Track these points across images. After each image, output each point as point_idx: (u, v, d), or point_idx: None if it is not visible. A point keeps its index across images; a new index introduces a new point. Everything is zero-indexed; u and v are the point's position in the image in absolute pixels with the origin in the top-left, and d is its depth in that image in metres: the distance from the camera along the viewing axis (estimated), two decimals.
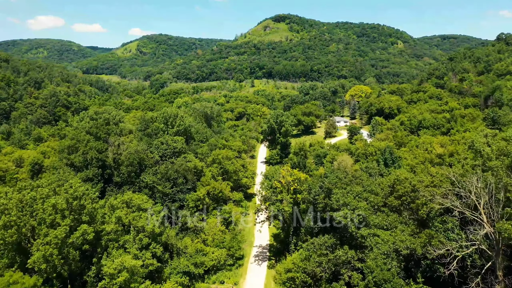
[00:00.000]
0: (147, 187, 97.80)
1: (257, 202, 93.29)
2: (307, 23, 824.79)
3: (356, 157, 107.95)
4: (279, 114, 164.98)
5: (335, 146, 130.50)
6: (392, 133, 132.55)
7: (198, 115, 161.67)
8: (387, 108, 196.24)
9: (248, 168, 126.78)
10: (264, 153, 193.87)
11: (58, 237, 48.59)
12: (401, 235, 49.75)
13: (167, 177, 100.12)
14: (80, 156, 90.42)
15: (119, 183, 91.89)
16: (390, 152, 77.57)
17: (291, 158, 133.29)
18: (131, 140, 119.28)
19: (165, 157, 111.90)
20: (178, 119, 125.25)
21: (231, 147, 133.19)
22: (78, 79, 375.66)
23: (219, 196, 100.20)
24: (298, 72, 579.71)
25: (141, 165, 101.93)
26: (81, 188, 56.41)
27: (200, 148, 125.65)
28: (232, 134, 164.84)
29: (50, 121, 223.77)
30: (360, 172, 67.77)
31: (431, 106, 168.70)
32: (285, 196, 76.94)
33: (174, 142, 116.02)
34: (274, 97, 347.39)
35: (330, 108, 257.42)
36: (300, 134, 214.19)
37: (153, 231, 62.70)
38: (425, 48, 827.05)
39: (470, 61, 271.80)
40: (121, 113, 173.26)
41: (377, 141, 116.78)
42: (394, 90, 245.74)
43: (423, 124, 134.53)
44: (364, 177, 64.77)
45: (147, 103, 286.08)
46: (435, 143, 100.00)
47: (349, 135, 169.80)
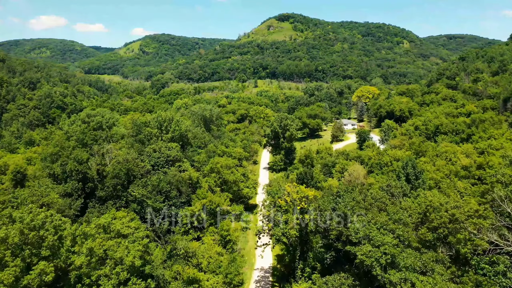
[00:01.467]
0: (135, 201, 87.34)
1: (258, 221, 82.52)
2: (311, 22, 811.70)
3: (369, 168, 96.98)
4: (283, 117, 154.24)
5: (344, 153, 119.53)
6: (406, 139, 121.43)
7: (196, 118, 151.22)
8: (398, 111, 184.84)
9: (250, 177, 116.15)
10: (267, 158, 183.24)
11: (5, 282, 38.18)
12: (441, 281, 38.81)
13: (158, 189, 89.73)
14: (59, 168, 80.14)
15: (103, 197, 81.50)
16: (412, 165, 66.77)
17: (296, 167, 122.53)
18: (121, 147, 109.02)
19: (157, 166, 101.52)
20: (174, 124, 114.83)
21: (231, 153, 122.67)
22: (76, 79, 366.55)
23: (216, 211, 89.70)
24: (303, 72, 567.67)
25: (130, 176, 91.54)
26: (41, 215, 45.89)
27: (198, 155, 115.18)
28: (232, 138, 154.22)
29: (44, 123, 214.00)
30: (380, 192, 56.91)
31: (446, 109, 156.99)
32: (290, 217, 66.29)
33: (168, 149, 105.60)
34: (277, 98, 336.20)
35: (336, 110, 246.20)
36: (305, 137, 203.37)
37: (133, 263, 52.26)
38: (431, 48, 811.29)
39: (483, 60, 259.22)
40: (115, 115, 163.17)
41: (392, 149, 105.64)
42: (403, 91, 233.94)
43: (440, 130, 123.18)
44: (387, 199, 53.84)
45: (146, 104, 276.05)
46: (459, 153, 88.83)
47: (358, 140, 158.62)
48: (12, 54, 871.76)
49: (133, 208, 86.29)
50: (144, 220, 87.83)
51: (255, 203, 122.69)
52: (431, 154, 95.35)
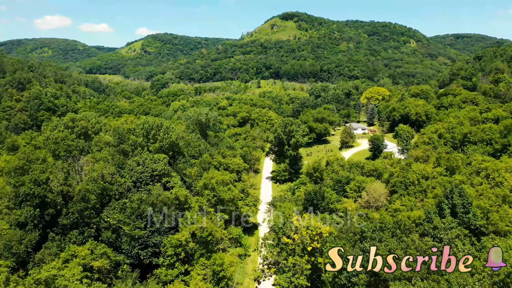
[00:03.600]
0: (109, 228, 72.26)
1: (260, 257, 67.20)
2: (316, 21, 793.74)
3: (392, 187, 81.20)
4: (287, 122, 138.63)
5: (358, 165, 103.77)
6: (430, 149, 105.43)
7: (191, 123, 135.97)
8: (414, 114, 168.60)
9: (250, 193, 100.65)
10: (270, 165, 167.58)
11: None
12: None
13: (138, 213, 74.55)
14: (12, 190, 65.17)
15: (68, 225, 66.32)
16: (460, 193, 51.27)
17: (303, 181, 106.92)
18: (101, 158, 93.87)
19: (140, 183, 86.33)
20: (162, 132, 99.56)
21: (229, 165, 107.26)
22: (72, 79, 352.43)
23: (208, 240, 74.32)
24: (307, 72, 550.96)
25: (105, 196, 76.42)
26: None
27: (190, 168, 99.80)
28: (232, 145, 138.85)
29: (31, 126, 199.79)
30: (427, 240, 41.33)
31: (470, 113, 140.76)
32: (298, 260, 50.98)
33: (153, 162, 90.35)
34: (281, 100, 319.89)
35: (344, 112, 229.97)
36: (311, 143, 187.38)
37: None
38: (439, 47, 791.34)
39: (502, 60, 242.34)
40: (102, 120, 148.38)
41: (415, 161, 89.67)
42: (417, 93, 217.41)
43: (469, 138, 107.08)
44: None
45: (143, 106, 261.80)
46: (503, 170, 72.88)
47: (371, 147, 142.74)
48: (13, 54, 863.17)
49: (106, 237, 71.24)
50: (121, 251, 72.88)
51: (256, 221, 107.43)
52: (467, 172, 79.41)
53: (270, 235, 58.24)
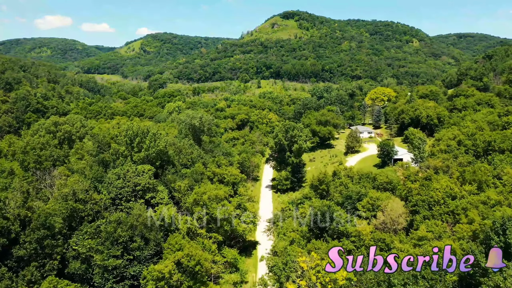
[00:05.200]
0: (78, 258, 60.70)
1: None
2: (317, 20, 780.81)
3: (413, 206, 69.51)
4: (289, 127, 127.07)
5: (369, 176, 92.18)
6: (450, 158, 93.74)
7: (184, 127, 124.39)
8: (424, 117, 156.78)
9: (248, 208, 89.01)
10: (270, 172, 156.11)
11: None
12: None
13: (115, 237, 63.00)
14: None
15: (24, 257, 54.81)
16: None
17: (307, 195, 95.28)
18: (74, 172, 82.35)
19: (119, 200, 74.79)
20: (148, 139, 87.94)
21: (224, 176, 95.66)
22: (66, 79, 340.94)
23: (196, 271, 62.79)
24: (309, 71, 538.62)
25: (74, 218, 64.89)
26: None
27: (179, 181, 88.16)
28: (228, 152, 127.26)
29: (17, 129, 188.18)
30: None
31: (488, 117, 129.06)
32: None
33: (136, 175, 78.81)
34: (282, 100, 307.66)
35: (349, 114, 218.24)
36: (314, 147, 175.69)
37: None
38: (442, 46, 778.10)
39: None
40: (88, 123, 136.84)
41: (439, 177, 77.89)
42: (426, 94, 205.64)
43: (494, 146, 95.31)
44: None
45: (137, 107, 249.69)
46: None
47: (380, 153, 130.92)
48: (11, 54, 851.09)
49: (74, 268, 59.72)
50: (92, 286, 61.35)
51: (255, 239, 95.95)
52: (499, 189, 67.70)
53: (270, 277, 46.83)
